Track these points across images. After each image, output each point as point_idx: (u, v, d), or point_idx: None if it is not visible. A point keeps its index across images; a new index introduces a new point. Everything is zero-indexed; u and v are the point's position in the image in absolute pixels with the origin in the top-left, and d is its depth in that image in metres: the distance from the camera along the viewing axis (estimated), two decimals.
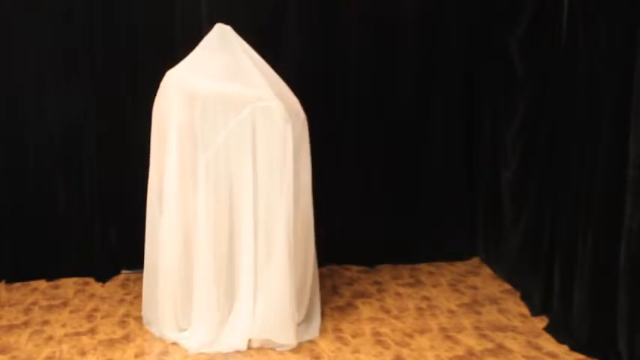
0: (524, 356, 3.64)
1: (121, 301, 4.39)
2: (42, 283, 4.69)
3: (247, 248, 3.67)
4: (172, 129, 3.68)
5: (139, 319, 4.08)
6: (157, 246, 3.83)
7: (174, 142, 3.67)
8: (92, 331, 3.94)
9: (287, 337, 3.69)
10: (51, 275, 4.75)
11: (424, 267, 5.01)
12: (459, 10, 4.93)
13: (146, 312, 4.01)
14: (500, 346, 3.75)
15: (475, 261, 5.16)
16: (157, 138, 3.81)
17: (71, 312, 4.23)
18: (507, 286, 4.63)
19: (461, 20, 4.94)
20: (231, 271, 3.74)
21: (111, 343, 3.80)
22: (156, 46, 4.56)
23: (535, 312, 4.15)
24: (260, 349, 3.71)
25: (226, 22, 4.38)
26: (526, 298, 4.33)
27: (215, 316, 3.72)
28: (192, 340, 3.72)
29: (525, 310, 4.22)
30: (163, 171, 3.75)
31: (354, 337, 3.87)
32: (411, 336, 3.89)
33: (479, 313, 4.20)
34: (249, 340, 3.72)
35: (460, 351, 3.70)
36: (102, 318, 4.13)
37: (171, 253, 3.74)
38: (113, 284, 4.69)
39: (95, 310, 4.26)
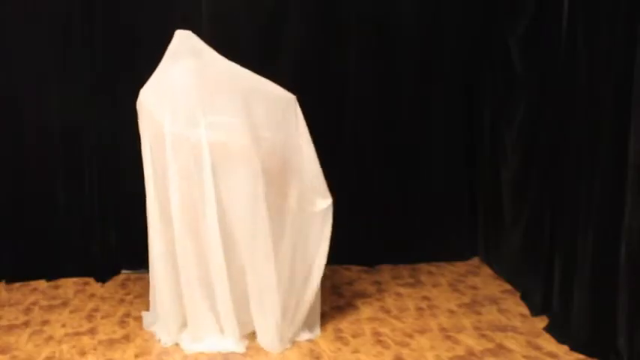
0: (524, 356, 3.63)
1: (121, 301, 4.39)
2: (42, 283, 4.69)
3: (217, 255, 3.66)
4: (146, 145, 3.74)
5: (139, 319, 4.07)
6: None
7: (148, 155, 3.73)
8: (92, 331, 3.94)
9: (271, 342, 3.71)
10: (51, 275, 4.75)
11: (424, 267, 5.01)
12: (459, 9, 4.93)
13: (150, 313, 4.01)
14: (500, 346, 3.75)
15: (475, 261, 5.16)
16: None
17: (71, 312, 4.23)
18: (507, 286, 4.63)
19: (461, 20, 4.95)
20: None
21: (111, 343, 3.80)
22: (156, 46, 4.55)
23: (535, 312, 4.15)
24: (260, 348, 3.71)
25: (226, 22, 4.40)
26: (526, 298, 4.33)
27: (207, 317, 3.70)
28: (189, 342, 3.72)
29: (525, 310, 4.22)
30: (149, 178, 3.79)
31: (354, 337, 3.87)
32: (411, 336, 3.88)
33: (479, 313, 4.20)
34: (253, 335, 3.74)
35: (460, 351, 3.70)
36: (102, 318, 4.13)
37: (160, 255, 3.75)
38: (113, 284, 4.69)
39: (95, 310, 4.26)
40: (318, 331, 3.90)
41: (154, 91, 3.75)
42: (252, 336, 3.78)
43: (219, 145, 3.61)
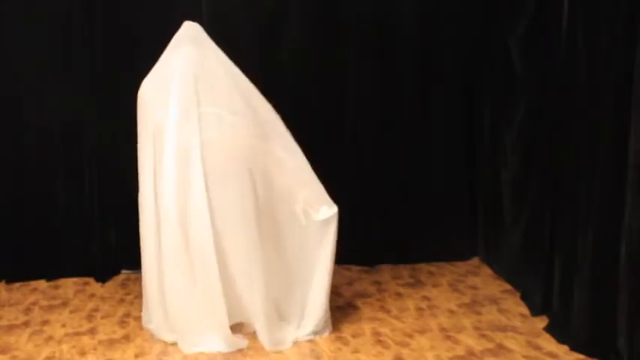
0: (524, 356, 3.63)
1: (121, 301, 4.39)
2: (42, 283, 4.69)
3: (208, 251, 3.64)
4: (148, 139, 3.73)
5: (138, 319, 4.07)
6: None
7: (149, 151, 3.72)
8: (92, 331, 3.94)
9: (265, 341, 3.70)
10: (51, 275, 4.75)
11: (424, 267, 5.01)
12: (459, 10, 4.93)
13: (146, 312, 4.01)
14: (500, 346, 3.75)
15: (475, 261, 5.16)
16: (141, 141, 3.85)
17: (71, 312, 4.23)
18: (507, 286, 4.63)
19: (461, 20, 4.95)
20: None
21: (111, 343, 3.80)
22: (156, 46, 4.55)
23: (535, 312, 4.14)
24: (260, 348, 3.71)
25: (226, 22, 4.38)
26: (526, 298, 4.33)
27: (194, 317, 3.68)
28: (181, 341, 3.72)
29: (525, 310, 4.22)
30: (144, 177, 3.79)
31: (354, 337, 3.87)
32: (411, 336, 3.88)
33: (479, 313, 4.20)
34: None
35: (460, 351, 3.70)
36: (102, 318, 4.13)
37: (150, 255, 3.75)
38: (113, 284, 4.69)
39: (95, 310, 4.26)
40: (327, 332, 3.89)
41: (155, 83, 3.74)
42: (252, 337, 3.77)
43: (214, 139, 3.61)
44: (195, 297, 3.65)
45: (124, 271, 4.85)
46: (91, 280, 4.75)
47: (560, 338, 3.78)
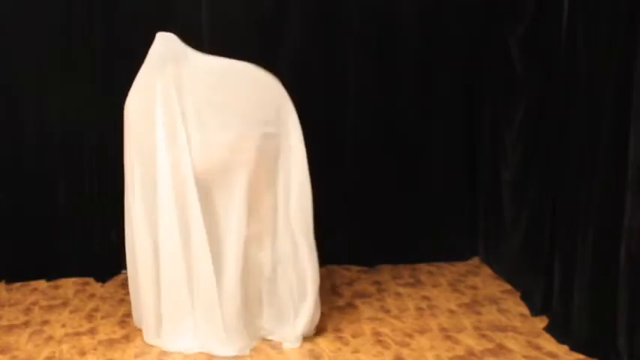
0: (524, 356, 3.64)
1: (121, 301, 4.39)
2: (42, 283, 4.69)
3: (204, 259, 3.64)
4: (136, 155, 3.72)
5: None
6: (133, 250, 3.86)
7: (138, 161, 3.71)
8: (92, 331, 3.94)
9: (227, 348, 3.65)
10: (51, 275, 4.75)
11: (424, 267, 5.01)
12: (459, 10, 4.93)
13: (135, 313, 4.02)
14: (500, 346, 3.75)
15: (475, 261, 5.16)
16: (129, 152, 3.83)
17: (71, 312, 4.23)
18: (507, 286, 4.63)
19: (461, 20, 4.95)
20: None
21: (111, 343, 3.80)
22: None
23: (535, 312, 4.15)
24: (260, 349, 3.71)
25: (226, 22, 4.37)
26: (526, 298, 4.33)
27: (185, 320, 3.68)
28: (170, 344, 3.71)
29: (525, 310, 4.22)
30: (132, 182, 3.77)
31: (354, 337, 3.87)
32: (411, 336, 3.88)
33: (479, 313, 4.20)
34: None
35: (460, 351, 3.70)
36: (102, 318, 4.14)
37: (143, 257, 3.74)
38: (113, 284, 4.69)
39: (95, 310, 4.26)
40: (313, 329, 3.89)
41: (138, 103, 3.71)
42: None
43: (205, 163, 3.60)
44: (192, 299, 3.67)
45: (123, 271, 4.84)
46: (91, 280, 4.75)
47: (560, 338, 3.79)
